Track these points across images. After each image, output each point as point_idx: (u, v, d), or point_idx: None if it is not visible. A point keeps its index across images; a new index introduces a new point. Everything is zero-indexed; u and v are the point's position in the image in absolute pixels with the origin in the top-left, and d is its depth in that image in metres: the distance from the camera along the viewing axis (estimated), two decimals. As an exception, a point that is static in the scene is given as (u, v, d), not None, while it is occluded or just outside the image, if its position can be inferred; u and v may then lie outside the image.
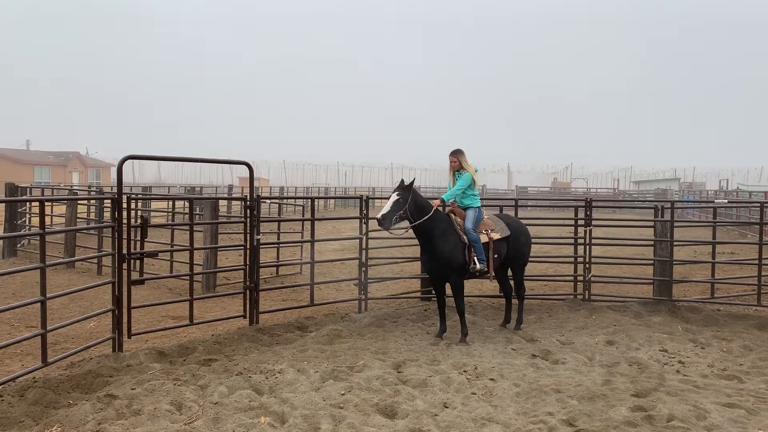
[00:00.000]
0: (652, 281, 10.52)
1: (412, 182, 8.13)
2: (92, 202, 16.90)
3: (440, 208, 8.23)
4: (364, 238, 9.75)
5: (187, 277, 8.46)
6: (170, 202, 16.39)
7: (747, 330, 8.72)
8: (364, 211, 9.76)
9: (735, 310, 9.98)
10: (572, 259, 10.89)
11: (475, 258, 8.08)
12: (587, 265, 10.46)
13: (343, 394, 5.94)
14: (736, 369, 7.00)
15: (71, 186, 32.19)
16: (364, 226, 9.74)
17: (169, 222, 16.12)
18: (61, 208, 17.65)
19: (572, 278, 10.82)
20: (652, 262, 10.62)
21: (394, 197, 7.85)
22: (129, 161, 7.43)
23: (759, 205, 10.64)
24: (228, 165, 72.64)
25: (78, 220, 15.70)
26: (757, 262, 10.04)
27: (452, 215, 8.30)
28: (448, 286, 8.36)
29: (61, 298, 9.30)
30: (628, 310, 9.76)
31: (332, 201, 42.46)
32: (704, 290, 11.50)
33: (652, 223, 10.66)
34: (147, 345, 7.68)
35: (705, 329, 8.77)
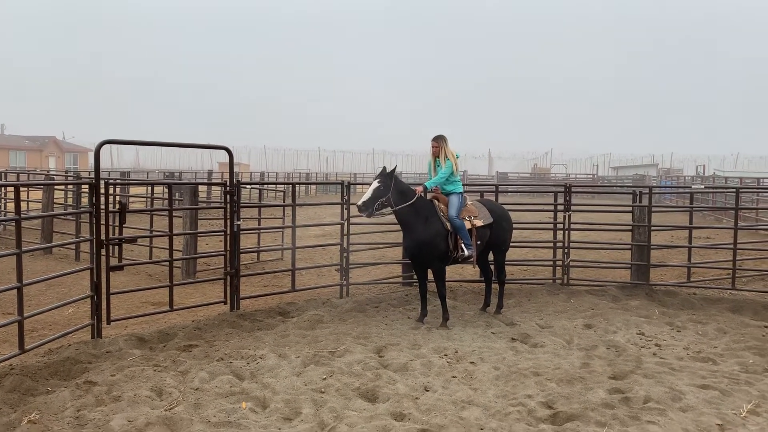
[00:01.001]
0: (629, 266, 10.66)
1: (394, 169, 8.13)
2: (69, 187, 16.65)
3: (423, 195, 8.25)
4: (346, 223, 9.74)
5: (167, 263, 8.39)
6: (149, 188, 16.21)
7: (721, 313, 8.88)
8: (346, 197, 9.74)
9: (710, 293, 10.15)
10: (552, 244, 10.99)
11: (463, 245, 8.12)
12: (566, 250, 10.56)
13: (324, 379, 5.96)
14: (711, 351, 7.13)
15: (48, 171, 31.67)
16: (345, 211, 9.73)
17: (148, 207, 15.95)
18: (37, 194, 17.36)
19: (551, 263, 10.93)
20: (630, 246, 10.76)
21: (375, 184, 7.86)
22: (107, 146, 7.32)
23: (734, 190, 10.81)
24: (208, 150, 71.78)
25: (55, 205, 15.48)
26: (732, 246, 10.21)
27: (435, 201, 8.32)
28: (429, 271, 8.39)
29: (38, 284, 9.18)
30: (606, 294, 9.89)
31: (313, 187, 42.31)
32: (681, 274, 11.67)
33: (630, 209, 10.78)
34: (126, 331, 7.63)
35: (681, 313, 8.92)
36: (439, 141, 8.32)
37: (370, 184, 8.00)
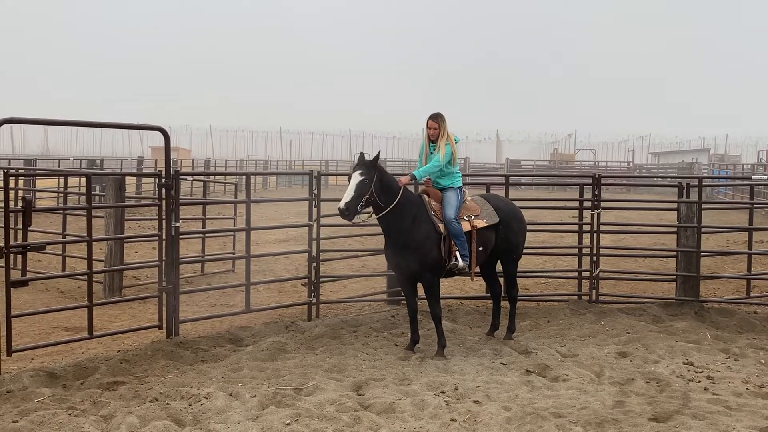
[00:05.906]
0: (674, 278, 10.75)
1: (377, 157, 8.11)
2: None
3: (410, 187, 8.26)
4: (315, 225, 9.73)
5: (85, 277, 8.34)
6: (61, 179, 16.09)
7: (790, 337, 8.99)
8: (315, 191, 9.73)
9: (775, 312, 10.27)
10: (576, 251, 11.05)
11: (458, 254, 8.14)
12: (595, 258, 10.63)
13: (288, 424, 5.96)
14: (776, 385, 7.22)
15: (-71, 158, 31.29)
16: (314, 209, 9.72)
17: (61, 205, 15.84)
18: None
19: (576, 274, 11.00)
20: (674, 253, 10.84)
21: (357, 177, 7.82)
22: (6, 126, 7.26)
23: (805, 182, 10.96)
24: (137, 131, 71.62)
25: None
26: (802, 253, 10.34)
27: (425, 197, 8.34)
28: (420, 285, 8.42)
29: None
30: (645, 314, 9.97)
31: (273, 178, 42.24)
32: (739, 288, 11.79)
33: (674, 206, 10.87)
34: (33, 365, 7.58)
35: (739, 336, 9.02)
36: (438, 121, 8.32)
37: (347, 176, 7.97)
